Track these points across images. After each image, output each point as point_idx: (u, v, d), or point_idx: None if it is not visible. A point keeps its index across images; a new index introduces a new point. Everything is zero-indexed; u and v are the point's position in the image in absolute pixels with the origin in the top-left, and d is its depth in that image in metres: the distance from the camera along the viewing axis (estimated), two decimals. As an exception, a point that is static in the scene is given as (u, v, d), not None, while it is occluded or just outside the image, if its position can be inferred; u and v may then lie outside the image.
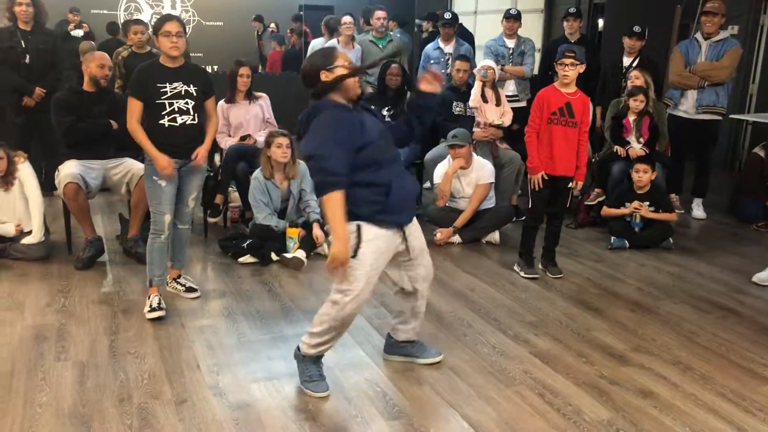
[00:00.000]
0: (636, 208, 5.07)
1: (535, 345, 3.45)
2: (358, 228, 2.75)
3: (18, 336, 3.39)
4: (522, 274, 4.44)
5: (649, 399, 2.94)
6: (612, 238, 5.12)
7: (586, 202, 5.66)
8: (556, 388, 3.01)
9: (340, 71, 2.81)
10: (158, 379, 2.99)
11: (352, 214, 2.72)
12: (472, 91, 5.70)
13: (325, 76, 2.82)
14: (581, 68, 4.17)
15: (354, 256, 2.74)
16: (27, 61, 5.62)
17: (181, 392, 2.89)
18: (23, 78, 5.63)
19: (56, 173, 4.52)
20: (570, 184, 4.29)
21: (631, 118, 5.49)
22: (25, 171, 4.56)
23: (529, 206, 4.44)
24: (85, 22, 9.25)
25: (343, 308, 2.81)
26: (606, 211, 5.24)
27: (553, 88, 4.24)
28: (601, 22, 8.82)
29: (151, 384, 2.95)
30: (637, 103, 5.41)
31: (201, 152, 3.73)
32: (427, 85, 2.99)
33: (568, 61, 4.10)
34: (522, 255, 4.50)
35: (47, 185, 5.21)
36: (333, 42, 6.77)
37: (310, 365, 2.96)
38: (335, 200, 2.64)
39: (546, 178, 4.23)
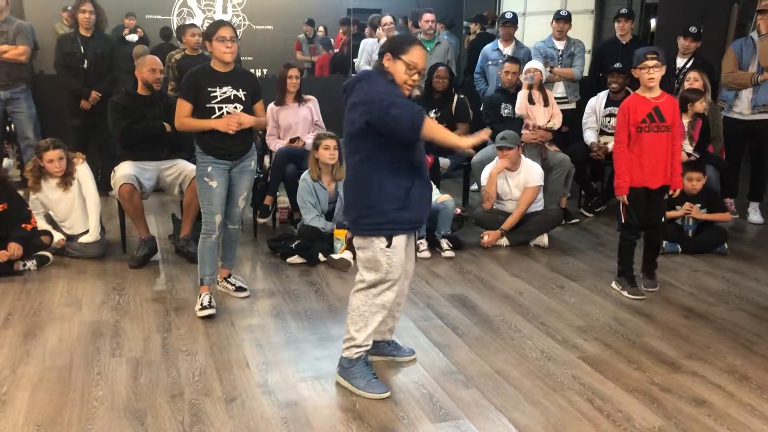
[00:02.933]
0: (687, 210, 4.95)
1: (584, 350, 3.40)
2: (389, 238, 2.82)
3: (76, 331, 3.51)
4: (625, 293, 4.14)
5: (703, 408, 2.87)
6: (664, 242, 5.01)
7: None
8: (606, 394, 2.96)
9: (401, 68, 2.75)
10: (209, 377, 3.05)
11: (376, 209, 2.79)
12: (518, 97, 5.65)
13: (387, 60, 2.80)
14: (664, 69, 3.95)
15: (389, 245, 2.82)
16: (85, 65, 5.81)
17: (231, 390, 2.95)
18: (81, 82, 5.82)
19: (112, 174, 4.65)
20: (666, 194, 4.07)
21: (685, 120, 5.36)
22: (83, 171, 4.71)
23: (622, 221, 4.15)
24: (140, 27, 9.51)
25: (380, 295, 2.90)
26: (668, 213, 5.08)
27: (635, 96, 4.02)
28: (653, 23, 8.64)
29: (201, 381, 3.01)
30: (696, 105, 5.26)
31: (244, 118, 3.71)
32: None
33: (651, 63, 3.86)
34: (621, 273, 4.24)
35: (103, 186, 5.37)
36: (374, 41, 6.80)
37: (363, 368, 2.96)
38: (431, 124, 2.63)
39: (634, 192, 4.01)
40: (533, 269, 4.63)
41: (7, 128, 6.23)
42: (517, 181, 5.12)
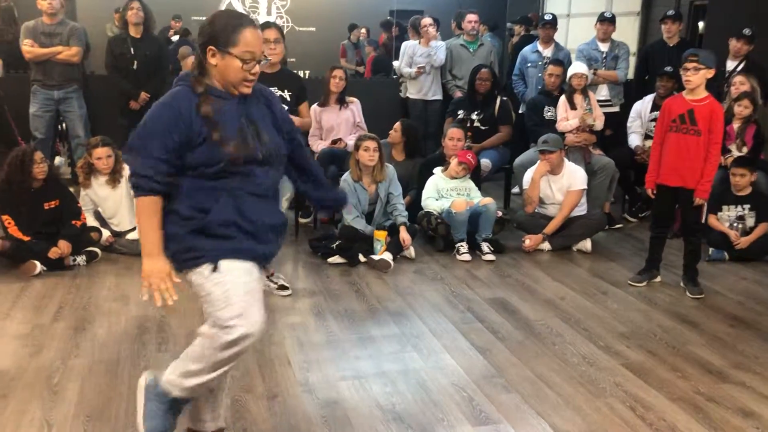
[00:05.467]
0: (735, 243, 4.85)
1: (627, 357, 3.35)
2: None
3: (123, 326, 3.60)
4: (629, 279, 4.39)
5: (751, 419, 2.80)
6: (710, 249, 4.91)
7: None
8: (649, 402, 2.92)
9: (234, 64, 2.11)
10: (251, 374, 3.09)
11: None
12: (558, 110, 5.60)
13: (211, 57, 2.13)
14: (709, 73, 3.93)
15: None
16: (135, 67, 5.94)
17: (273, 387, 2.99)
18: (131, 83, 5.95)
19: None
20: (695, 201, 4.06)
21: (735, 125, 5.24)
22: (131, 170, 4.82)
23: (651, 215, 4.32)
24: (186, 28, 9.68)
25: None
26: (712, 221, 4.99)
27: (679, 96, 4.08)
28: (701, 25, 8.46)
29: (244, 378, 3.06)
30: (741, 109, 5.16)
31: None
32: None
33: (690, 65, 3.90)
34: (646, 262, 4.42)
35: (150, 184, 5.47)
36: (416, 42, 6.81)
37: (164, 410, 2.31)
38: (142, 206, 2.17)
39: (658, 188, 4.12)
40: (575, 274, 4.58)
41: (60, 127, 6.40)
42: (560, 185, 5.07)
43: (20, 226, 4.35)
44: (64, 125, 6.32)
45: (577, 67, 5.62)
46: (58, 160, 6.96)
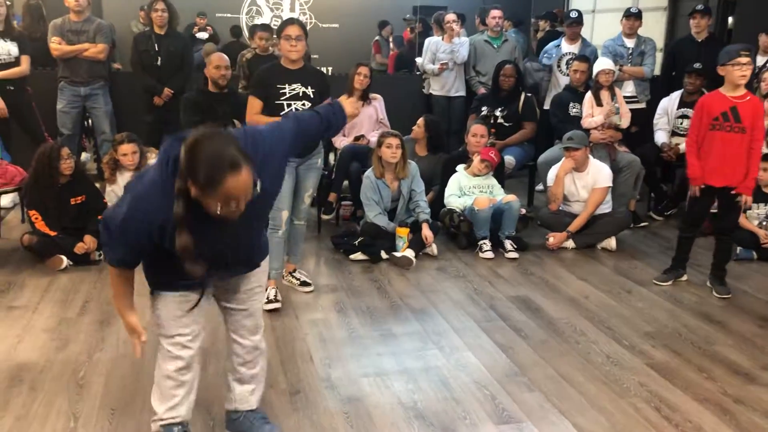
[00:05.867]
0: (764, 242, 4.77)
1: (651, 356, 3.31)
2: None
3: (147, 320, 3.58)
4: (654, 279, 4.33)
5: (779, 421, 2.76)
6: (738, 248, 4.83)
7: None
8: (674, 403, 2.88)
9: (213, 204, 1.95)
10: (274, 369, 3.11)
11: None
12: (584, 106, 5.54)
13: (191, 185, 1.95)
14: (751, 69, 3.87)
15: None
16: (159, 63, 5.99)
17: (295, 382, 3.00)
18: (155, 79, 6.00)
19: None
20: (738, 198, 3.99)
21: (767, 122, 5.14)
22: (156, 166, 4.86)
23: (685, 215, 4.21)
24: (210, 25, 9.74)
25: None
26: (740, 220, 4.89)
27: (717, 93, 3.95)
28: (730, 20, 8.32)
29: (267, 373, 3.06)
30: (769, 105, 5.06)
31: None
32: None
33: (745, 60, 3.77)
34: (672, 260, 4.36)
35: (174, 180, 5.51)
36: (439, 39, 6.79)
37: None
38: (111, 277, 2.30)
39: (702, 188, 4.01)
40: (600, 272, 4.53)
41: (86, 123, 6.48)
42: (585, 182, 5.02)
43: (47, 221, 4.41)
44: (90, 121, 6.39)
45: (604, 63, 5.55)
46: (84, 156, 7.05)
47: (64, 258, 4.34)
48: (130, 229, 2.06)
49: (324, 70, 7.14)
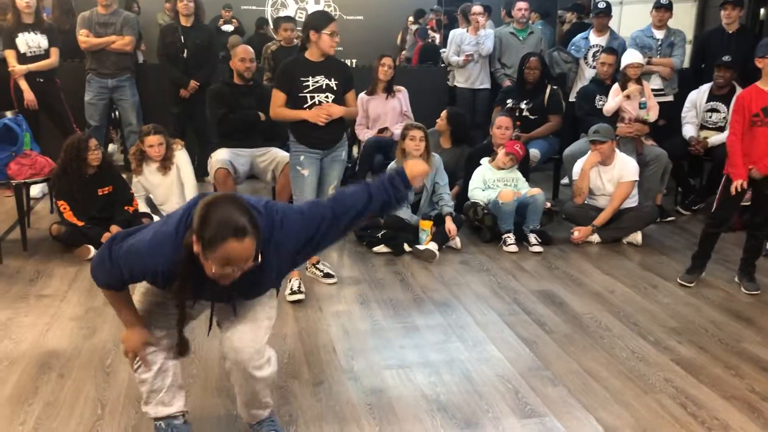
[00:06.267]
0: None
1: (677, 352, 3.27)
2: None
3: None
4: (678, 278, 4.20)
5: (808, 420, 2.71)
6: (767, 243, 4.74)
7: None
8: (701, 400, 2.84)
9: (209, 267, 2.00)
10: (297, 360, 3.13)
11: None
12: (610, 97, 5.47)
13: (195, 242, 2.00)
14: None
15: None
16: (185, 55, 6.03)
17: (318, 373, 3.01)
18: (181, 71, 6.05)
19: (209, 160, 4.83)
20: None
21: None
22: (182, 157, 4.91)
23: (714, 210, 4.08)
24: (235, 17, 9.79)
25: None
26: None
27: (755, 88, 3.85)
28: (763, 11, 8.15)
29: (290, 364, 3.09)
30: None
31: (334, 109, 3.74)
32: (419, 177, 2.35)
33: None
34: (693, 259, 4.21)
35: (199, 172, 5.56)
36: (464, 31, 6.74)
37: None
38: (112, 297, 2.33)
39: (744, 187, 3.90)
40: (625, 267, 4.48)
41: (113, 115, 6.55)
42: (611, 176, 4.96)
43: (75, 211, 4.47)
44: (117, 113, 6.47)
45: (633, 56, 5.46)
46: (111, 147, 7.14)
47: (92, 248, 4.40)
48: (133, 266, 2.11)
49: (348, 62, 7.16)
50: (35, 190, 5.68)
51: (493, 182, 5.02)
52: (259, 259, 2.04)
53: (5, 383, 2.88)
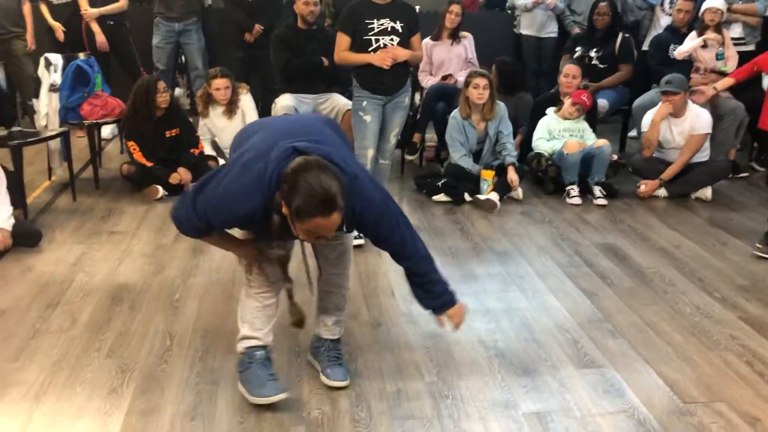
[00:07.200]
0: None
1: (745, 310, 3.18)
2: None
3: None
4: (755, 247, 3.83)
5: None
6: None
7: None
8: (768, 359, 2.78)
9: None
10: (356, 301, 3.18)
11: None
12: (687, 40, 5.22)
13: (284, 207, 2.04)
14: None
15: None
16: (250, -1, 6.03)
17: (377, 316, 3.06)
18: (245, 15, 6.05)
19: (273, 105, 4.87)
20: None
21: None
22: (247, 101, 4.97)
23: None
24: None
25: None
26: None
27: None
28: None
29: (350, 304, 3.11)
30: None
31: (399, 52, 3.72)
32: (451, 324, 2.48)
33: None
34: None
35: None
36: None
37: (253, 369, 2.47)
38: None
39: None
40: (693, 223, 4.36)
41: (179, 60, 6.64)
42: (682, 129, 4.78)
43: (144, 152, 4.60)
44: (183, 57, 6.55)
45: (713, 1, 5.18)
46: (177, 91, 7.26)
47: (160, 188, 4.53)
48: (221, 216, 2.15)
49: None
50: (106, 131, 5.86)
51: (559, 132, 4.90)
52: (344, 228, 2.16)
53: (82, 312, 3.04)
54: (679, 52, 5.25)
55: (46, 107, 4.75)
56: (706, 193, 4.76)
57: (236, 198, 2.09)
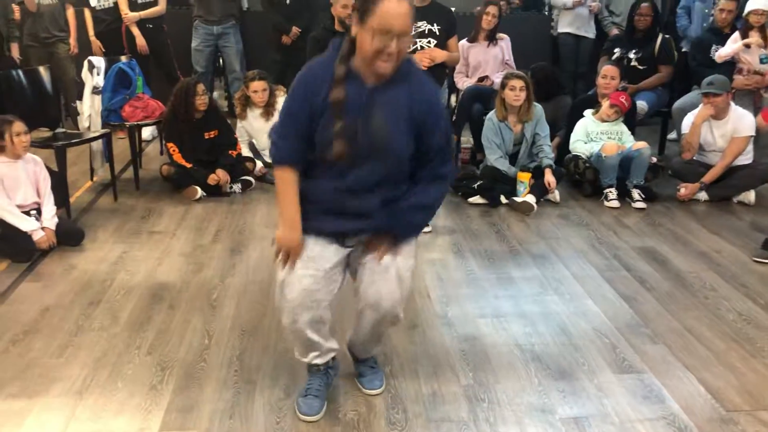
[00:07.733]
0: None
1: (790, 318, 3.11)
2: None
3: (273, 251, 3.79)
4: (756, 257, 3.74)
5: None
6: None
7: None
8: (814, 367, 2.70)
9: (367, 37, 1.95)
10: (392, 303, 3.18)
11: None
12: (729, 41, 5.11)
13: (354, 22, 2.01)
14: None
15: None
16: (288, 1, 6.09)
17: (413, 317, 3.06)
18: (283, 18, 6.12)
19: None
20: None
21: None
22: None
23: None
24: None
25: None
26: None
27: None
28: None
29: (385, 307, 3.14)
30: None
31: (436, 53, 3.71)
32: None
33: None
34: None
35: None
36: None
37: (309, 381, 2.46)
38: (280, 177, 2.25)
39: None
40: (735, 227, 4.27)
41: (217, 63, 6.74)
42: (724, 131, 4.69)
43: (183, 153, 4.67)
44: (221, 61, 6.64)
45: (758, 1, 5.06)
46: (215, 94, 7.35)
47: (199, 189, 4.60)
48: (295, 92, 2.11)
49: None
50: (146, 133, 5.97)
51: (597, 135, 4.85)
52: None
53: (123, 310, 3.10)
54: (719, 55, 5.15)
55: (89, 109, 4.86)
56: (750, 196, 4.66)
57: (307, 68, 2.14)
